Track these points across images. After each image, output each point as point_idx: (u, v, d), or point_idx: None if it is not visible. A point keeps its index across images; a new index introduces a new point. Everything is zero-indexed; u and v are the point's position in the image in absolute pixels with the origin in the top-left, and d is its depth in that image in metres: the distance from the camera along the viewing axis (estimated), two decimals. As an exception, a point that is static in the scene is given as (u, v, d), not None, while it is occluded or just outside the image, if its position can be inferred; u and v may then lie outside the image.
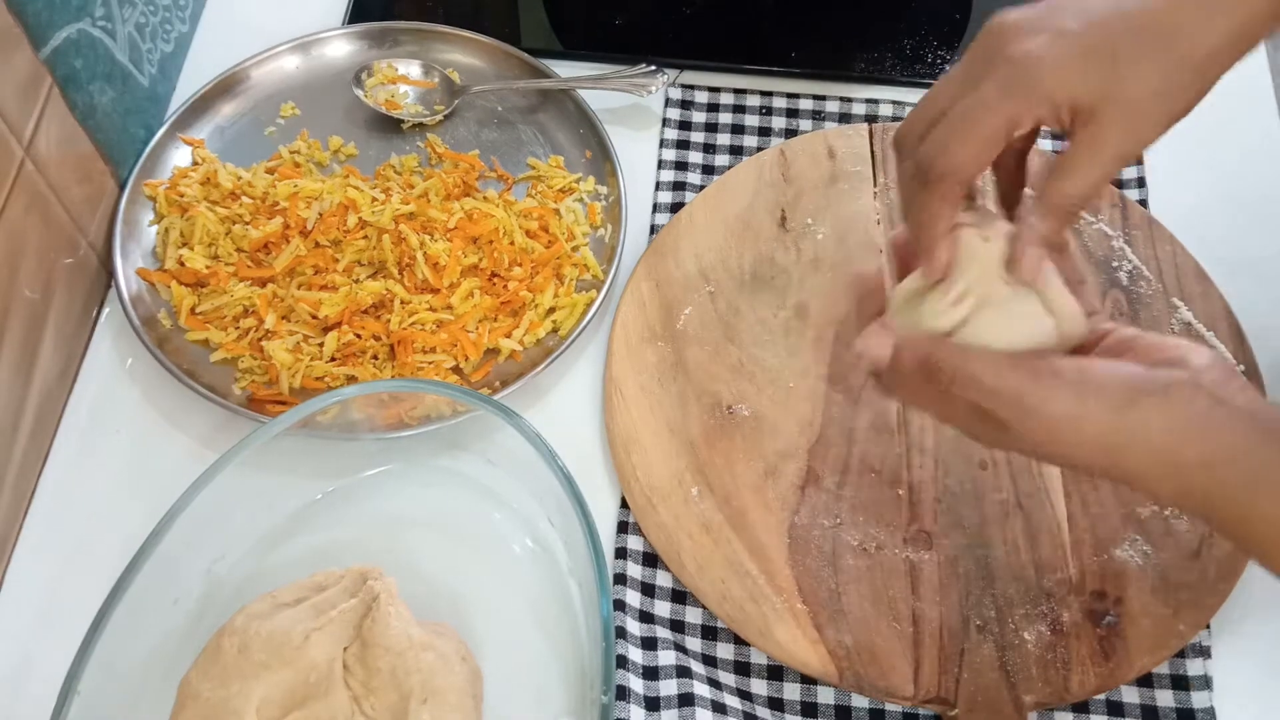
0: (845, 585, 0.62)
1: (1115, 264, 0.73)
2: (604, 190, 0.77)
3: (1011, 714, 0.59)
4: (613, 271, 0.72)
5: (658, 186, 0.78)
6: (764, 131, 0.81)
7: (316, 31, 0.83)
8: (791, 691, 0.61)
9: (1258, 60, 0.83)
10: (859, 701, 0.61)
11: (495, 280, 0.72)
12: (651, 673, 0.60)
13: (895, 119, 0.80)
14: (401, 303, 0.70)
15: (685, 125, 0.81)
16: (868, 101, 0.81)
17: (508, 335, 0.70)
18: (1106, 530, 0.64)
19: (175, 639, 0.60)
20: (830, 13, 0.87)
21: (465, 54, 0.83)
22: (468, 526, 0.65)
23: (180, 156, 0.77)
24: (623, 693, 0.58)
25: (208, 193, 0.74)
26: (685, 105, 0.81)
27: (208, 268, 0.71)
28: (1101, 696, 0.61)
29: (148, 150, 0.75)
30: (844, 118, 0.81)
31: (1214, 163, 0.79)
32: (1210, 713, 0.60)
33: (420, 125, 0.80)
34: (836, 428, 0.67)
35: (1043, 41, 0.48)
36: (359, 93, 0.80)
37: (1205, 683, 0.61)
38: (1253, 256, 0.75)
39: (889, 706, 0.61)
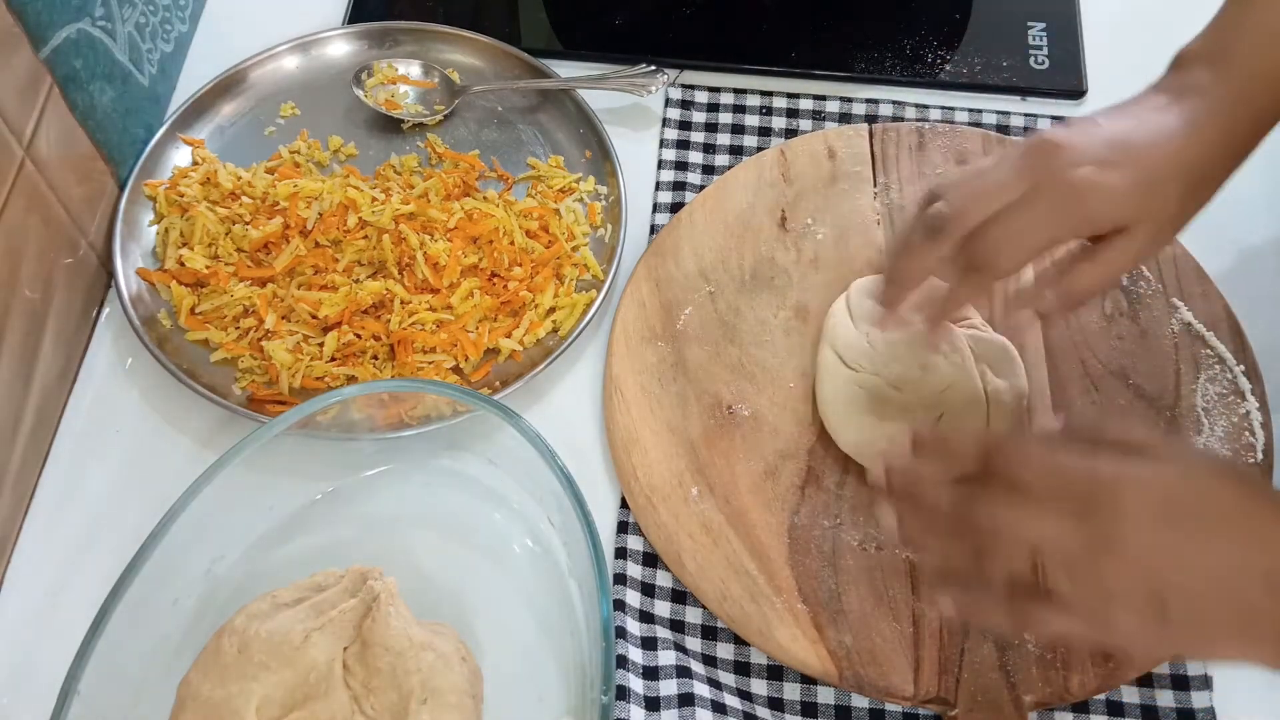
0: (845, 585, 0.62)
1: (1115, 264, 0.73)
2: (604, 190, 0.77)
3: (1011, 714, 0.59)
4: (613, 271, 0.72)
5: (658, 186, 0.78)
6: (764, 131, 0.81)
7: (316, 31, 0.83)
8: (791, 691, 0.61)
9: None
10: (859, 701, 0.61)
11: (495, 280, 0.72)
12: (651, 672, 0.60)
13: (895, 119, 0.80)
14: (401, 303, 0.70)
15: (685, 125, 0.81)
16: (868, 101, 0.81)
17: (508, 335, 0.70)
18: (1106, 530, 0.64)
19: (175, 639, 0.60)
20: (830, 12, 0.87)
21: (465, 54, 0.83)
22: (468, 526, 0.65)
23: (180, 156, 0.77)
24: (623, 692, 0.58)
25: (208, 193, 0.74)
26: (685, 105, 0.81)
27: (208, 268, 0.71)
28: (1101, 696, 0.61)
29: (148, 150, 0.75)
30: (844, 118, 0.81)
31: (1214, 163, 0.79)
32: (1210, 713, 0.60)
33: (420, 125, 0.80)
34: (836, 428, 0.67)
35: (1090, 171, 0.55)
36: (359, 93, 0.80)
37: (1205, 682, 0.61)
38: (1253, 257, 0.75)
39: (889, 706, 0.61)
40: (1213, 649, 0.50)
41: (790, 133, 0.80)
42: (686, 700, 0.58)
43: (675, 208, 0.77)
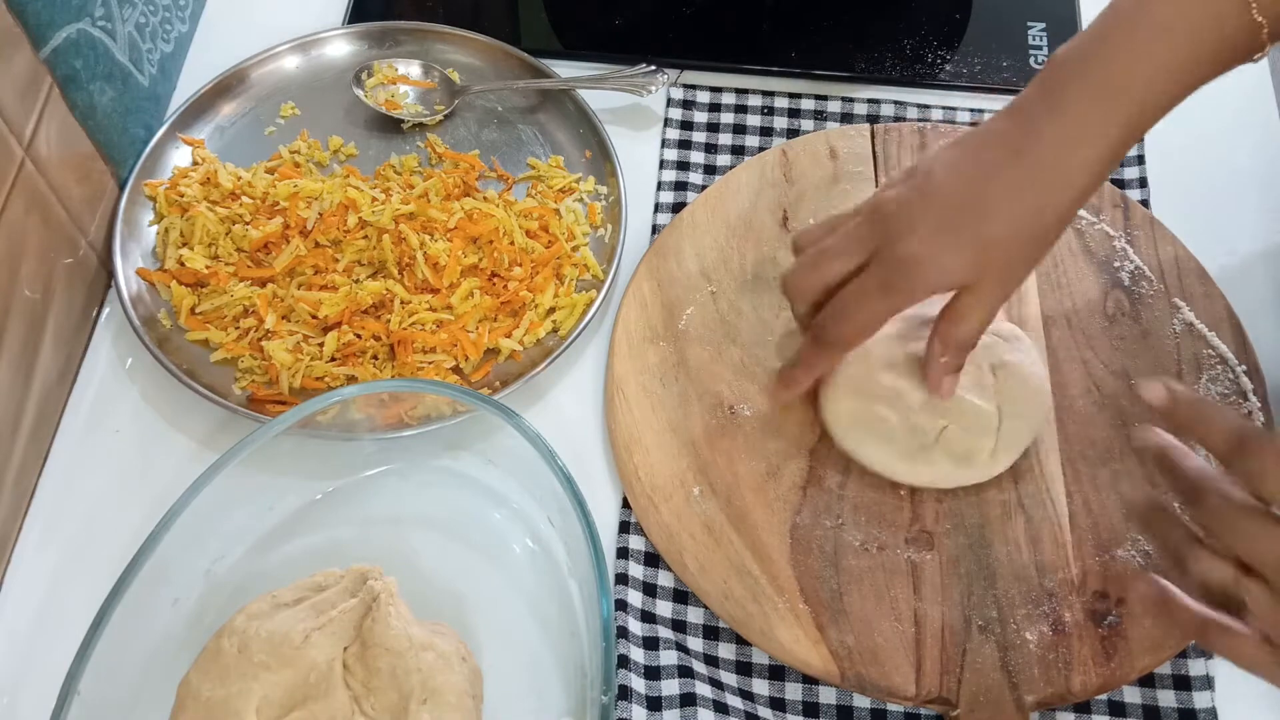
0: (847, 585, 0.62)
1: (1117, 264, 0.73)
2: (604, 190, 0.77)
3: (1013, 714, 0.59)
4: (613, 271, 0.72)
5: (659, 186, 0.78)
6: (766, 131, 0.81)
7: (316, 31, 0.83)
8: (793, 691, 0.61)
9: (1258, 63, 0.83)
10: (860, 702, 0.61)
11: (495, 280, 0.72)
12: (653, 672, 0.59)
13: (897, 119, 0.80)
14: (401, 303, 0.70)
15: (687, 125, 0.81)
16: (869, 101, 0.81)
17: (508, 335, 0.70)
18: (1108, 530, 0.64)
19: (175, 639, 0.60)
20: (830, 13, 0.87)
21: (465, 54, 0.83)
22: (468, 526, 0.65)
23: (180, 156, 0.77)
24: (625, 692, 0.58)
25: (208, 193, 0.74)
26: (687, 105, 0.81)
27: (208, 268, 0.71)
28: (1103, 697, 0.61)
29: (148, 150, 0.75)
30: (846, 118, 0.81)
31: (1215, 163, 0.79)
32: (1212, 713, 0.60)
33: (420, 125, 0.80)
34: (838, 428, 0.67)
35: (920, 240, 0.55)
36: (359, 93, 0.80)
37: (1207, 683, 0.61)
38: (1254, 257, 0.75)
39: (891, 707, 0.61)
40: None
41: (792, 133, 0.80)
42: (688, 700, 0.58)
43: (677, 207, 0.77)
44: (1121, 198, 0.75)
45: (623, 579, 0.63)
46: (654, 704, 0.58)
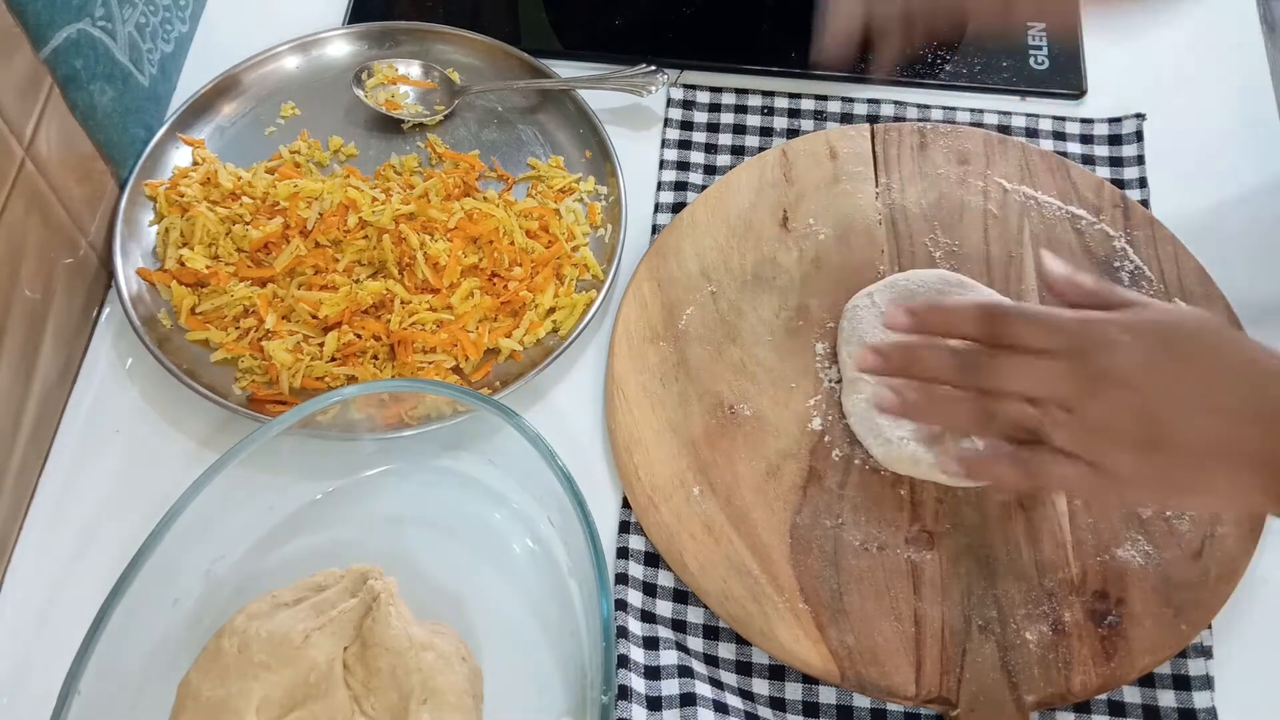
0: (847, 585, 0.62)
1: (1117, 264, 0.73)
2: (604, 190, 0.77)
3: (1013, 714, 0.59)
4: (613, 271, 0.72)
5: (659, 186, 0.78)
6: (766, 131, 0.81)
7: (316, 31, 0.83)
8: (793, 691, 0.61)
9: (1258, 62, 0.84)
10: (860, 701, 0.61)
11: (495, 280, 0.72)
12: (653, 672, 0.59)
13: (897, 119, 0.80)
14: (401, 303, 0.70)
15: (687, 125, 0.81)
16: (869, 101, 0.81)
17: (508, 335, 0.70)
18: (1108, 530, 0.64)
19: (175, 639, 0.60)
20: (830, 13, 0.87)
21: (465, 54, 0.83)
22: (468, 526, 0.65)
23: (180, 156, 0.77)
24: (624, 692, 0.58)
25: (208, 193, 0.74)
26: (687, 105, 0.81)
27: (208, 268, 0.71)
28: (1103, 696, 0.61)
29: (148, 150, 0.75)
30: (845, 118, 0.81)
31: (1215, 163, 0.79)
32: (1212, 713, 0.60)
33: (420, 125, 0.80)
34: (838, 427, 0.67)
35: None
36: (359, 93, 0.80)
37: (1206, 683, 0.61)
38: (1255, 257, 0.75)
39: (891, 706, 0.61)
40: (1206, 478, 0.52)
41: (792, 133, 0.80)
42: (688, 700, 0.58)
43: (677, 207, 0.77)
44: (1121, 198, 0.75)
45: (623, 579, 0.63)
46: (654, 704, 0.58)
